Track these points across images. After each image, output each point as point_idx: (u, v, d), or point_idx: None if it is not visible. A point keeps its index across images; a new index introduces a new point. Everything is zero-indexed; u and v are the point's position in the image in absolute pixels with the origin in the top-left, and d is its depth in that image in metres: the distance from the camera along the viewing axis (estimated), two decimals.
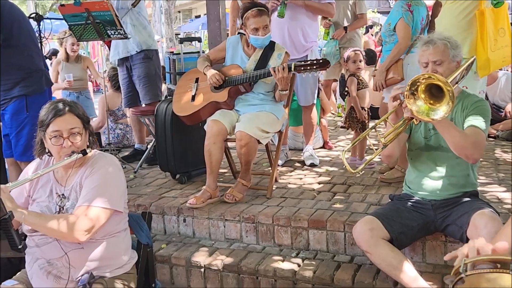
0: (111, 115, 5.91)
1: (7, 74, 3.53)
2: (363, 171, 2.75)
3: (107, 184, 2.28)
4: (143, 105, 5.10)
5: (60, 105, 2.30)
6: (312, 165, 4.66)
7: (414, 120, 2.68)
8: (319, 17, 5.40)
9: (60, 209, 2.27)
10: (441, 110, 2.48)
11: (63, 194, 2.30)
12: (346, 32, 6.12)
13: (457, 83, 2.77)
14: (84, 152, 2.27)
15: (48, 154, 2.37)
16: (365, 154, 4.57)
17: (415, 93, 2.52)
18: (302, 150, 5.01)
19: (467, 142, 2.61)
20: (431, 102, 2.52)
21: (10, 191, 2.15)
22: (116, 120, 5.95)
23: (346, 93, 4.62)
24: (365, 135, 3.15)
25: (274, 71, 3.60)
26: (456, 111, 2.80)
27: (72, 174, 2.33)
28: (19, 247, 1.89)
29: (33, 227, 2.17)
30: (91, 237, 2.20)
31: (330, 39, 6.22)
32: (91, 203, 2.20)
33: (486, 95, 5.28)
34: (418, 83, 2.51)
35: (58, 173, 2.35)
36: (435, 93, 2.51)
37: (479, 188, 2.94)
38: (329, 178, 4.24)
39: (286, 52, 3.91)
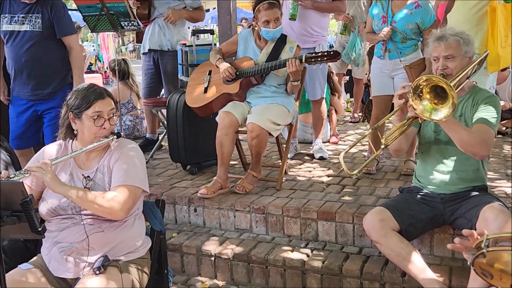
0: (121, 108, 5.96)
1: (64, 64, 3.97)
2: (360, 173, 2.76)
3: (136, 165, 2.38)
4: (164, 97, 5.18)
5: (100, 89, 2.42)
6: (322, 158, 4.69)
7: (418, 119, 2.67)
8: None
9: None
10: (443, 112, 2.48)
11: (88, 176, 2.37)
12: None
13: (468, 77, 2.78)
14: (119, 135, 2.40)
15: (71, 138, 2.44)
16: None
17: (421, 94, 2.52)
18: (311, 143, 5.04)
19: (474, 140, 2.61)
20: (436, 101, 2.52)
21: (51, 167, 2.23)
22: (127, 112, 6.00)
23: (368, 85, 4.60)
24: (368, 134, 3.12)
25: (290, 64, 3.64)
26: (467, 106, 2.82)
27: (94, 157, 2.41)
28: (39, 229, 1.94)
29: (77, 202, 2.22)
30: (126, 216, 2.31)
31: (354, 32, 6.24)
32: (127, 182, 2.31)
33: (496, 93, 5.29)
34: (421, 86, 2.51)
35: (79, 157, 2.41)
36: (440, 93, 2.51)
37: (488, 183, 2.95)
38: (338, 171, 4.28)
39: (298, 46, 3.94)
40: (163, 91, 5.42)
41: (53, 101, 3.85)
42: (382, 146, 2.80)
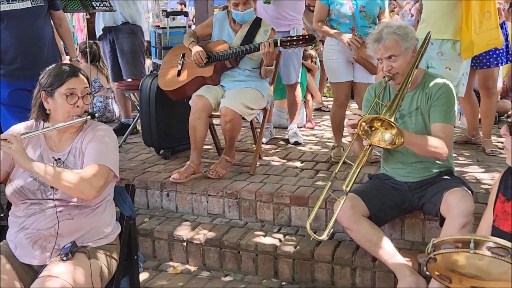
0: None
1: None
2: (327, 237, 2.68)
3: (109, 148, 2.33)
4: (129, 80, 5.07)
5: (73, 67, 2.36)
6: (296, 143, 4.69)
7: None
8: None
9: None
10: (392, 134, 2.45)
11: (59, 159, 2.31)
12: None
13: (417, 66, 2.71)
14: (93, 116, 2.33)
15: (43, 119, 2.36)
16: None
17: (372, 128, 2.49)
18: (286, 128, 5.03)
19: (434, 147, 2.61)
20: (386, 127, 2.48)
21: (20, 140, 2.17)
22: (95, 92, 5.85)
23: None
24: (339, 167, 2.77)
25: (262, 46, 3.60)
26: (422, 99, 2.79)
27: (66, 139, 2.35)
28: (1, 215, 1.89)
29: (45, 178, 2.15)
30: (96, 198, 2.26)
31: None
32: (101, 162, 2.25)
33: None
34: (365, 127, 2.47)
35: (51, 139, 2.35)
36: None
37: (458, 169, 2.98)
38: (313, 156, 4.28)
39: (272, 29, 3.90)
40: None
41: None
42: (345, 196, 2.62)
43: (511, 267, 1.52)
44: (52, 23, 3.78)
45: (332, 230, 3.18)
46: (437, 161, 2.82)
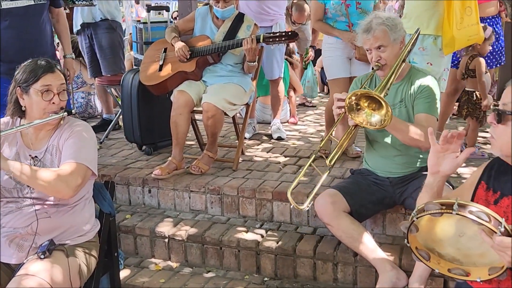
0: (72, 83, 5.74)
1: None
2: (308, 207, 2.73)
3: (87, 145, 2.30)
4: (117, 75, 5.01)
5: (50, 63, 2.30)
6: (279, 138, 4.68)
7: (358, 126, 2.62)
8: None
9: None
10: (379, 116, 2.47)
11: (36, 157, 2.27)
12: None
13: (404, 60, 2.75)
14: (69, 112, 2.29)
15: (19, 116, 2.32)
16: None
17: (358, 107, 2.50)
18: (270, 123, 5.02)
19: (416, 134, 2.62)
20: (373, 107, 2.50)
21: None
22: (77, 88, 5.78)
23: (465, 76, 4.22)
24: (331, 132, 2.90)
25: (245, 42, 3.58)
26: (406, 91, 2.81)
27: (43, 137, 2.31)
28: None
29: (21, 178, 2.11)
30: (73, 197, 2.22)
31: None
32: (78, 160, 2.21)
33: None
34: (353, 103, 2.48)
35: (27, 136, 2.32)
36: (375, 98, 2.48)
37: None
38: (296, 152, 4.27)
39: (255, 24, 3.89)
40: None
41: None
42: (328, 170, 2.71)
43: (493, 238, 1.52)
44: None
45: (314, 225, 3.24)
46: (419, 156, 2.84)
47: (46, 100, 2.24)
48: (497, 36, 4.48)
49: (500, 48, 4.65)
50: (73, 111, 2.34)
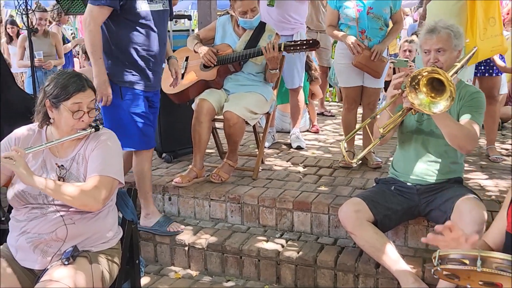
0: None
1: None
2: (360, 161, 2.74)
3: (113, 156, 2.31)
4: None
5: (82, 79, 2.29)
6: (299, 148, 4.67)
7: (412, 110, 2.64)
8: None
9: (59, 179, 2.25)
10: (441, 104, 2.44)
11: (62, 165, 2.28)
12: None
13: (456, 73, 2.74)
14: (97, 128, 2.30)
15: (47, 124, 2.33)
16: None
17: (417, 86, 2.48)
18: (289, 132, 5.01)
19: (462, 134, 2.61)
20: (432, 95, 2.48)
21: (24, 155, 2.13)
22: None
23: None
24: (364, 125, 3.08)
25: (266, 50, 3.59)
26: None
27: (69, 146, 2.32)
28: (2, 218, 1.87)
29: (50, 194, 2.14)
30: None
31: None
32: (103, 173, 2.23)
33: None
34: (420, 76, 2.46)
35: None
36: (436, 86, 2.47)
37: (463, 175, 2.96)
38: (316, 161, 4.26)
39: (276, 34, 3.89)
40: None
41: None
42: (380, 136, 2.77)
43: None
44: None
45: (335, 236, 3.22)
46: (451, 165, 2.83)
47: (75, 119, 2.26)
48: None
49: None
50: (100, 127, 2.33)
